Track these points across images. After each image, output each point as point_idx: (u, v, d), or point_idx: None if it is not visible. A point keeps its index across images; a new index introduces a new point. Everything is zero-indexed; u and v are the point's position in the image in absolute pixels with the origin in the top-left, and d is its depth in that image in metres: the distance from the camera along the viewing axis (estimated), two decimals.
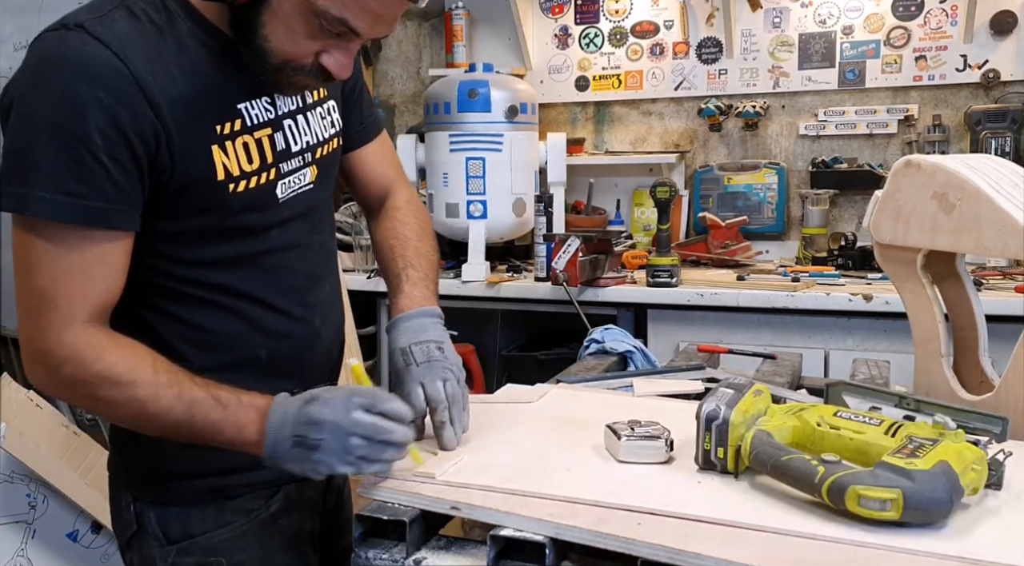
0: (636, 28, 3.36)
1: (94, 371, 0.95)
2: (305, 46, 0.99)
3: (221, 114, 1.02)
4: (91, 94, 0.92)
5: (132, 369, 0.96)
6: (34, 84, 0.94)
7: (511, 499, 0.89)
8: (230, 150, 1.03)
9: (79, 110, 0.92)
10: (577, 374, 1.52)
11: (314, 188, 1.15)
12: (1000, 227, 1.08)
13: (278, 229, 1.11)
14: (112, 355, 0.96)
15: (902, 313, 1.29)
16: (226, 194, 1.03)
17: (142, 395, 0.96)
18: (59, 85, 0.92)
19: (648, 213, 3.32)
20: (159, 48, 0.98)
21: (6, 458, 2.11)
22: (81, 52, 0.93)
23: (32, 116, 0.93)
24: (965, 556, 0.76)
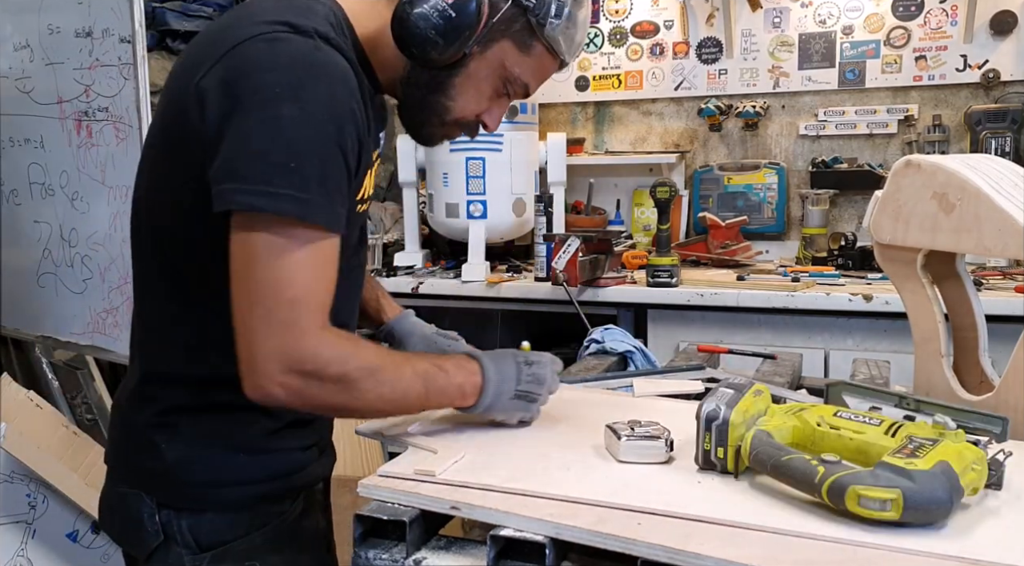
0: (636, 28, 3.36)
1: (357, 364, 0.97)
2: (483, 106, 1.10)
3: (373, 140, 1.07)
4: (349, 106, 0.95)
5: (377, 354, 1.01)
6: (300, 87, 0.91)
7: (511, 499, 0.89)
8: (371, 174, 1.10)
9: (344, 119, 0.94)
10: (577, 374, 1.52)
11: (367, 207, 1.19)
12: (1000, 227, 1.08)
13: (356, 247, 1.16)
14: (360, 346, 0.99)
15: (902, 313, 1.29)
16: (353, 214, 1.05)
17: (392, 377, 1.00)
18: (327, 92, 0.93)
19: (648, 213, 3.32)
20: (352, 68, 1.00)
21: (6, 458, 2.11)
22: (337, 65, 0.95)
23: (303, 120, 0.91)
24: (965, 556, 0.76)
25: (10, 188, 2.48)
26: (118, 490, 1.14)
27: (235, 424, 1.06)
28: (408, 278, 2.81)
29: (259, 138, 0.90)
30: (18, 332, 2.59)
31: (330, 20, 1.01)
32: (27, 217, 2.44)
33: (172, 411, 1.07)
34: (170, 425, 1.07)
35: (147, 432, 1.09)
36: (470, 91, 1.07)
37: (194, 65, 0.98)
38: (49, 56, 2.30)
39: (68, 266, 2.35)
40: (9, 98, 2.42)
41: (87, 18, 2.18)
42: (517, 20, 1.03)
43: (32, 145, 2.38)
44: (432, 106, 1.07)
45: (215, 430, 1.07)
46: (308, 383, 0.94)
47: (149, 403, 1.09)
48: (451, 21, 0.98)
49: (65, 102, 2.27)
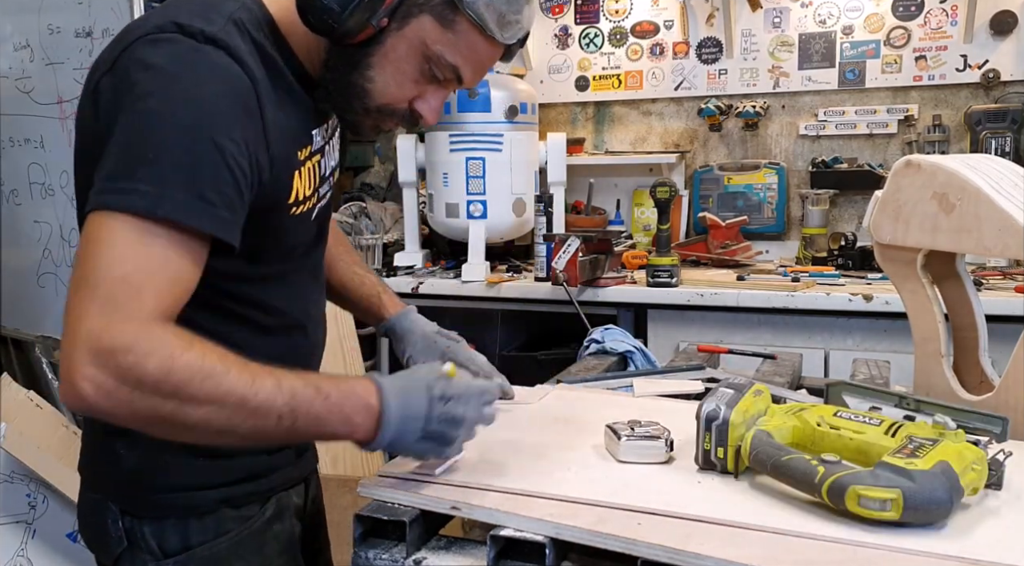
0: (636, 28, 3.36)
1: (185, 361, 0.82)
2: (409, 89, 1.01)
3: (303, 139, 1.03)
4: (232, 106, 0.91)
5: (224, 357, 0.85)
6: (170, 84, 0.88)
7: (511, 499, 0.89)
8: (304, 175, 1.03)
9: (221, 119, 0.90)
10: (577, 374, 1.52)
11: (326, 206, 1.16)
12: (1000, 227, 1.08)
13: (304, 249, 1.12)
14: (201, 345, 0.85)
15: (902, 313, 1.29)
16: (286, 216, 1.02)
17: (241, 386, 0.84)
18: (201, 91, 0.89)
19: (648, 213, 3.32)
20: (264, 68, 0.97)
21: (6, 458, 2.11)
22: (218, 65, 0.91)
23: (168, 115, 0.87)
24: (965, 556, 0.76)
25: (10, 188, 2.48)
26: (86, 496, 1.14)
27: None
28: (408, 278, 2.81)
29: (123, 134, 0.88)
30: (18, 332, 2.59)
31: (236, 18, 0.96)
32: (27, 217, 2.44)
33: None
34: (127, 431, 0.97)
35: (107, 439, 1.07)
36: (389, 72, 0.99)
37: (97, 65, 0.97)
38: (49, 56, 2.30)
39: (68, 266, 2.35)
40: (9, 98, 2.42)
41: (87, 18, 2.18)
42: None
43: (32, 145, 2.38)
44: (351, 89, 1.00)
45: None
46: (122, 380, 0.80)
47: None
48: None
49: (65, 102, 2.27)
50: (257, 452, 1.10)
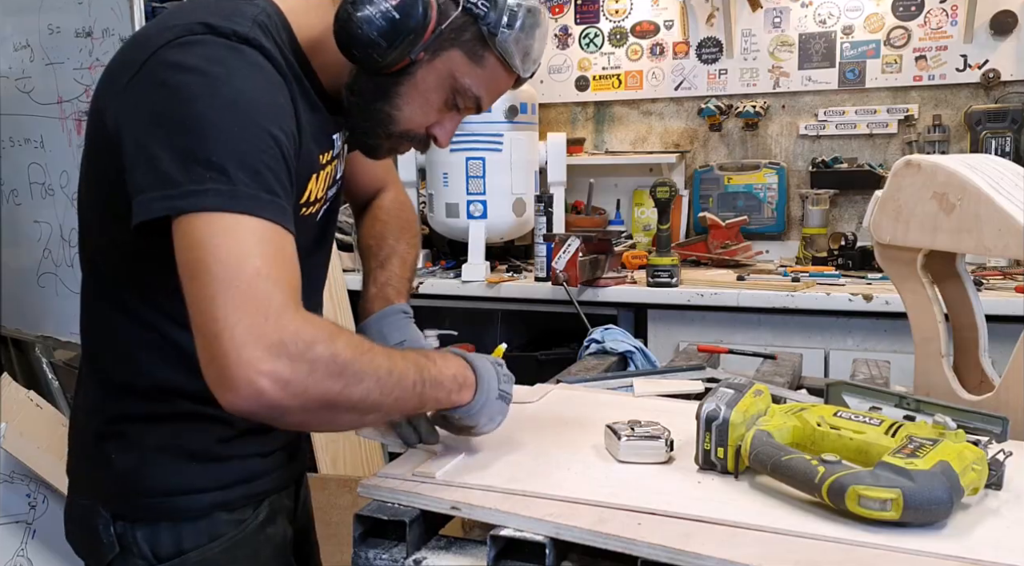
0: (636, 28, 3.36)
1: (344, 342, 0.85)
2: (431, 118, 1.05)
3: (325, 143, 1.06)
4: (279, 100, 0.93)
5: (361, 338, 0.91)
6: (216, 85, 0.87)
7: (511, 499, 0.89)
8: (321, 178, 1.06)
9: (274, 112, 0.91)
10: (577, 374, 1.52)
11: (331, 209, 1.16)
12: (1000, 227, 1.08)
13: (309, 251, 1.09)
14: (340, 328, 0.88)
15: (902, 313, 1.29)
16: (297, 216, 1.00)
17: (385, 360, 0.89)
18: (252, 86, 0.90)
19: (648, 213, 3.32)
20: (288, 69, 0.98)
21: (6, 458, 2.11)
22: (256, 63, 0.92)
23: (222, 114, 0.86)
24: (965, 556, 0.76)
25: (10, 188, 2.48)
26: (77, 501, 1.11)
27: (184, 433, 1.02)
28: None
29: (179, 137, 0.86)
30: (18, 332, 2.59)
31: (260, 21, 0.95)
32: (27, 217, 2.44)
33: (121, 420, 1.04)
34: (120, 435, 1.03)
35: (98, 442, 1.06)
36: (416, 101, 1.02)
37: (116, 73, 0.95)
38: (49, 56, 2.30)
39: (68, 266, 2.35)
40: (9, 98, 2.42)
41: (87, 18, 2.18)
42: (467, 29, 0.99)
43: (32, 145, 2.38)
44: (376, 115, 1.03)
45: (164, 439, 1.03)
46: (296, 368, 0.81)
47: (98, 413, 1.07)
48: (395, 23, 0.94)
49: (65, 102, 2.27)
50: (250, 455, 1.09)
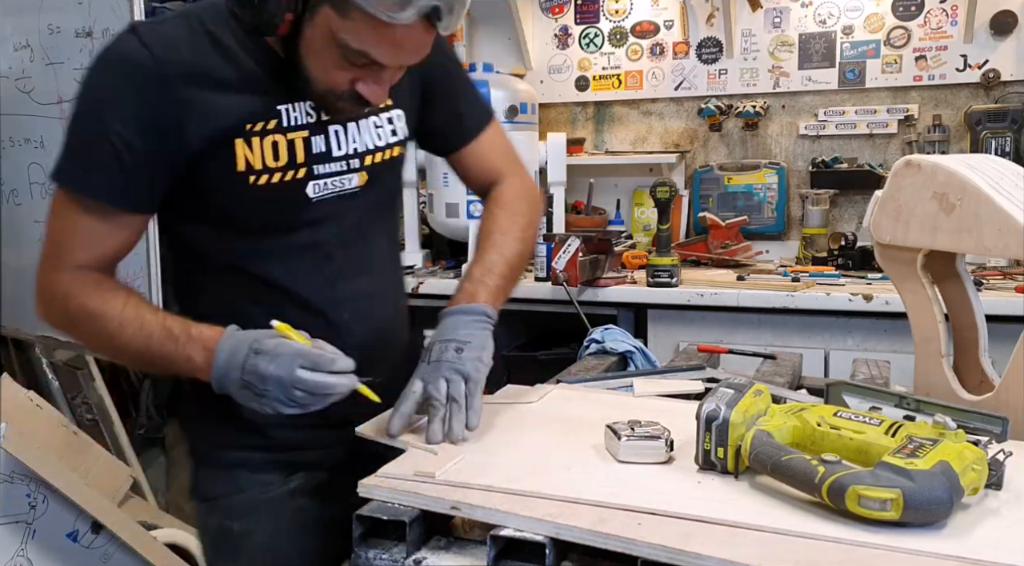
0: (636, 28, 3.36)
1: (75, 304, 1.10)
2: (339, 76, 1.06)
3: (255, 112, 1.11)
4: (120, 91, 1.06)
5: (103, 304, 1.09)
6: (86, 77, 1.09)
7: (511, 499, 0.89)
8: (256, 146, 1.11)
9: (106, 102, 1.07)
10: (577, 374, 1.52)
11: (362, 193, 1.19)
12: (1000, 227, 1.08)
13: (310, 228, 1.16)
14: (90, 293, 1.10)
15: (902, 313, 1.29)
16: (244, 187, 1.11)
17: (110, 327, 1.09)
18: (98, 80, 1.08)
19: (648, 213, 3.32)
20: (204, 52, 1.08)
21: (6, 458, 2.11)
22: (123, 52, 1.07)
23: (77, 103, 1.09)
24: (965, 556, 0.76)
25: (10, 188, 2.48)
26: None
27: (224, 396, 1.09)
28: (408, 278, 2.81)
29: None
30: (18, 332, 2.59)
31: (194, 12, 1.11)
32: (27, 217, 2.44)
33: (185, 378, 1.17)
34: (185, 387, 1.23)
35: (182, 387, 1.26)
36: (314, 61, 1.06)
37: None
38: (49, 56, 2.30)
39: None
40: (9, 98, 2.42)
41: (87, 18, 2.18)
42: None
43: (32, 145, 2.38)
44: (300, 75, 1.08)
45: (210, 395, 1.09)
46: (47, 310, 1.14)
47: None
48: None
49: (65, 102, 2.27)
50: (282, 425, 1.15)
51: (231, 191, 1.11)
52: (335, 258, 1.20)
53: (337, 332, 1.17)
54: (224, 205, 1.13)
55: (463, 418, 1.06)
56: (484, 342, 1.14)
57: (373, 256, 1.25)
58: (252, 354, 1.02)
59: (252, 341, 1.03)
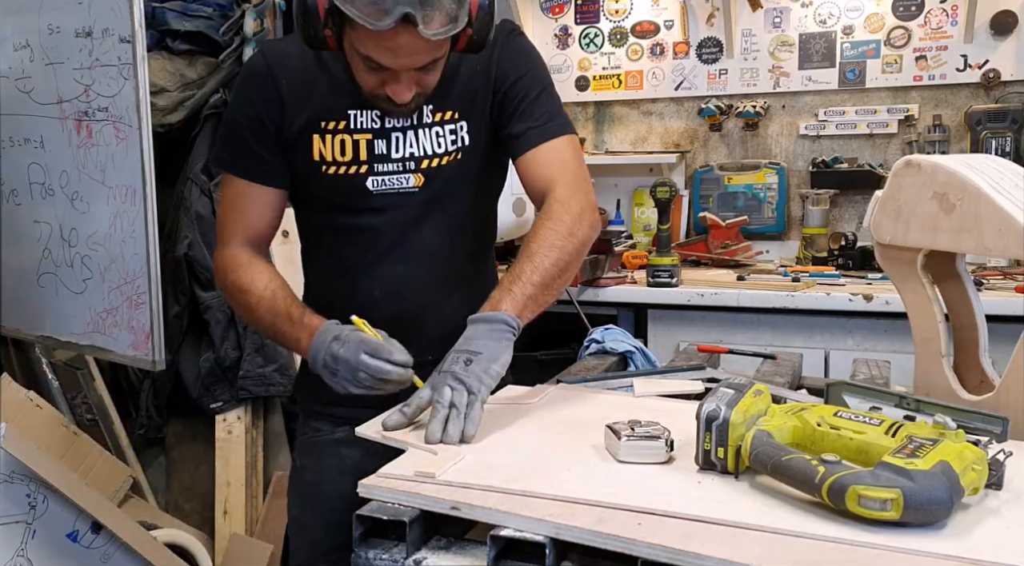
0: (636, 28, 3.36)
1: (230, 279, 1.38)
2: (370, 81, 1.26)
3: (329, 113, 1.35)
4: (246, 91, 1.38)
5: (251, 282, 1.36)
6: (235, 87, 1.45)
7: (511, 499, 0.89)
8: (328, 141, 1.35)
9: (238, 101, 1.40)
10: (577, 374, 1.52)
11: (420, 192, 1.38)
12: (1000, 227, 1.08)
13: (371, 213, 1.38)
14: (243, 270, 1.37)
15: (902, 313, 1.29)
16: (319, 173, 1.36)
17: (251, 302, 1.35)
18: (237, 87, 1.44)
19: (648, 213, 3.32)
20: (307, 65, 1.35)
21: (6, 458, 2.11)
22: (250, 64, 1.43)
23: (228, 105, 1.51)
24: (965, 556, 0.76)
25: (10, 188, 2.48)
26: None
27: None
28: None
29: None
30: (18, 332, 2.58)
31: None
32: (27, 217, 2.44)
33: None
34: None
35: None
36: (353, 69, 1.27)
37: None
38: (49, 56, 2.30)
39: (68, 266, 2.35)
40: (9, 98, 2.42)
41: (87, 18, 2.18)
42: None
43: (32, 145, 2.38)
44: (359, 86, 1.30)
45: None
46: (218, 280, 1.43)
47: None
48: (302, 6, 1.19)
49: (65, 102, 2.27)
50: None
51: (310, 176, 1.37)
52: (381, 243, 1.39)
53: (367, 306, 1.32)
54: (307, 186, 1.40)
55: (460, 425, 1.07)
56: (497, 353, 1.15)
57: (424, 248, 1.40)
58: (332, 341, 1.22)
59: (336, 331, 1.23)
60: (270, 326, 1.34)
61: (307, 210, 1.46)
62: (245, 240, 1.41)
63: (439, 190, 1.38)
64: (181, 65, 2.54)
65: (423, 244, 1.40)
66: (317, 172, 1.36)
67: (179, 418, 2.73)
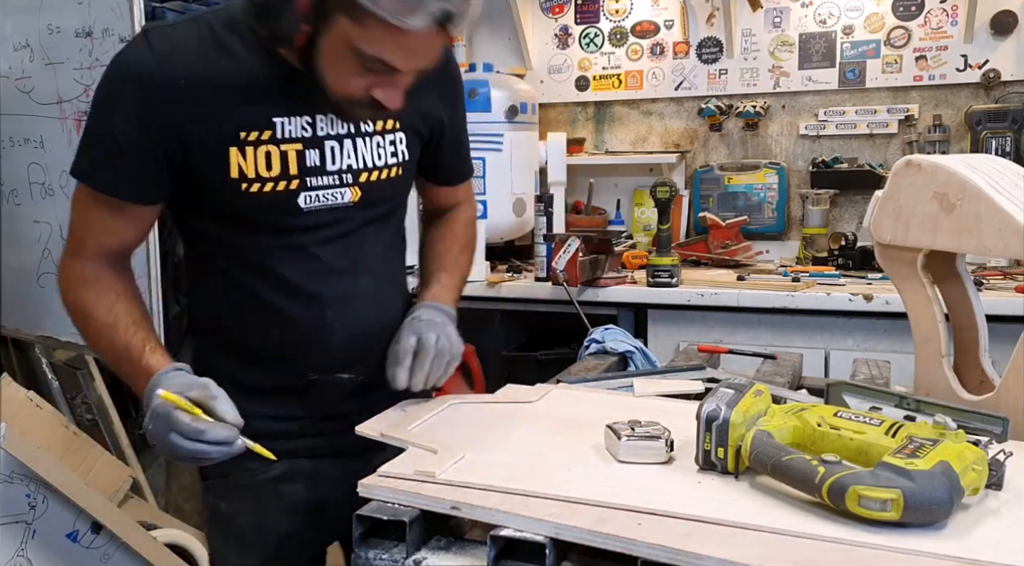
0: (636, 28, 3.36)
1: (70, 298, 1.20)
2: (355, 83, 1.10)
3: (250, 122, 1.15)
4: (126, 92, 1.12)
5: (93, 306, 1.17)
6: (101, 79, 1.15)
7: (511, 499, 0.89)
8: (249, 154, 1.15)
9: (113, 104, 1.13)
10: (577, 374, 1.52)
11: (356, 208, 1.24)
12: (1000, 227, 1.08)
13: (303, 232, 1.21)
14: (87, 290, 1.18)
15: (902, 313, 1.29)
16: (237, 192, 1.16)
17: (92, 330, 1.18)
18: (108, 82, 1.14)
19: (648, 213, 3.32)
20: (211, 58, 1.13)
21: (6, 458, 2.11)
22: (132, 56, 1.14)
23: (92, 103, 1.16)
24: (965, 556, 0.76)
25: (10, 188, 2.48)
26: None
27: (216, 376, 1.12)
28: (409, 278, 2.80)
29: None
30: (18, 332, 2.58)
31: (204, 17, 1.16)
32: (27, 217, 2.44)
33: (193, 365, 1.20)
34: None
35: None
36: (331, 70, 1.10)
37: None
38: (49, 56, 2.30)
39: None
40: (9, 98, 2.42)
41: (87, 18, 2.18)
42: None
43: (32, 145, 2.38)
44: (321, 85, 1.12)
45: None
46: (63, 294, 1.21)
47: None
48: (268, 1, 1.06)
49: (65, 102, 2.27)
50: (263, 416, 1.20)
51: (224, 195, 1.17)
52: (323, 260, 1.24)
53: (320, 328, 1.25)
54: (220, 205, 1.19)
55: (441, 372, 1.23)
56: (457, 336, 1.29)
57: (367, 262, 1.29)
58: (147, 405, 1.07)
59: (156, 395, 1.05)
60: (112, 360, 1.18)
61: (215, 230, 1.22)
62: (100, 252, 1.20)
63: (378, 204, 1.28)
64: None
65: (368, 256, 1.29)
66: (234, 190, 1.15)
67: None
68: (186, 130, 1.13)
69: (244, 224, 1.20)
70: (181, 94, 1.11)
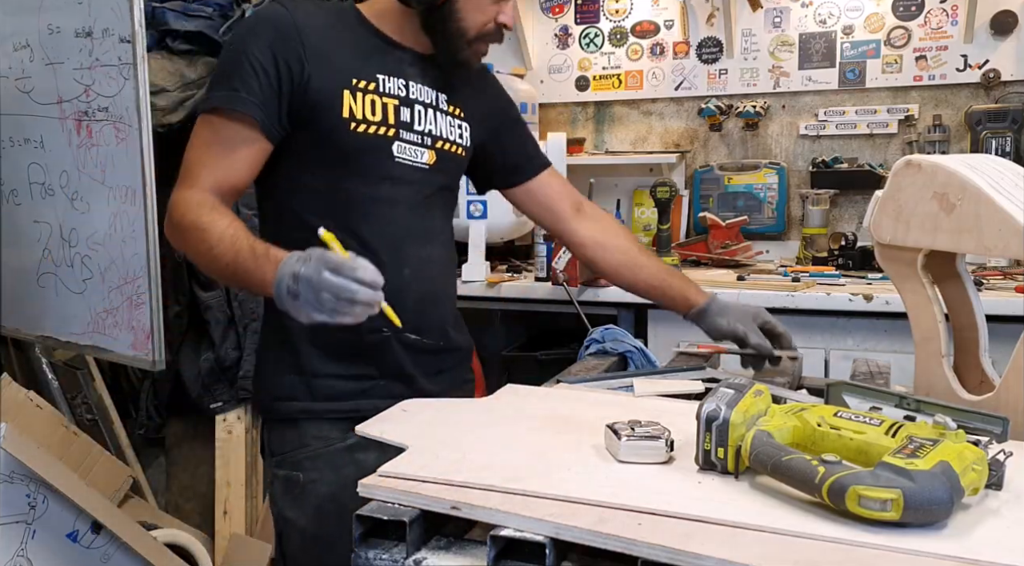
0: (636, 28, 3.36)
1: (189, 218, 1.26)
2: (491, 10, 1.35)
3: (360, 73, 1.36)
4: (263, 31, 1.31)
5: (210, 222, 1.25)
6: (235, 32, 1.41)
7: (511, 499, 0.89)
8: (359, 98, 1.35)
9: (249, 40, 1.32)
10: (577, 374, 1.52)
11: (430, 171, 1.42)
12: (1000, 227, 1.08)
13: (390, 183, 1.38)
14: (204, 210, 1.26)
15: (902, 313, 1.29)
16: (346, 131, 1.33)
17: (210, 240, 1.23)
18: (248, 29, 1.36)
19: (648, 213, 3.32)
20: (332, 23, 1.37)
21: (6, 458, 2.11)
22: (265, 9, 1.36)
23: (225, 48, 1.39)
24: (965, 556, 0.76)
25: (10, 188, 2.48)
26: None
27: (290, 346, 1.31)
28: None
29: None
30: (18, 332, 2.58)
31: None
32: (27, 217, 2.44)
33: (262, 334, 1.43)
34: (260, 347, 1.47)
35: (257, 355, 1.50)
36: (470, 6, 1.33)
37: None
38: (49, 56, 2.30)
39: (68, 266, 2.35)
40: (9, 98, 2.42)
41: (87, 18, 2.18)
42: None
43: (32, 145, 2.38)
44: (452, 36, 1.35)
45: (277, 352, 1.38)
46: (169, 222, 1.30)
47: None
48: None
49: (65, 102, 2.27)
50: (336, 376, 1.36)
51: (333, 134, 1.33)
52: (400, 224, 1.39)
53: (400, 286, 1.33)
54: (327, 146, 1.34)
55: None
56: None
57: (434, 228, 1.45)
58: (296, 260, 1.14)
59: (301, 254, 1.14)
60: (231, 263, 1.22)
61: (314, 178, 1.36)
62: (214, 187, 1.30)
63: (445, 173, 1.45)
64: (181, 65, 2.53)
65: (435, 225, 1.46)
66: (344, 129, 1.33)
67: (179, 418, 2.73)
68: (308, 70, 1.30)
69: (344, 166, 1.35)
70: (307, 40, 1.31)
